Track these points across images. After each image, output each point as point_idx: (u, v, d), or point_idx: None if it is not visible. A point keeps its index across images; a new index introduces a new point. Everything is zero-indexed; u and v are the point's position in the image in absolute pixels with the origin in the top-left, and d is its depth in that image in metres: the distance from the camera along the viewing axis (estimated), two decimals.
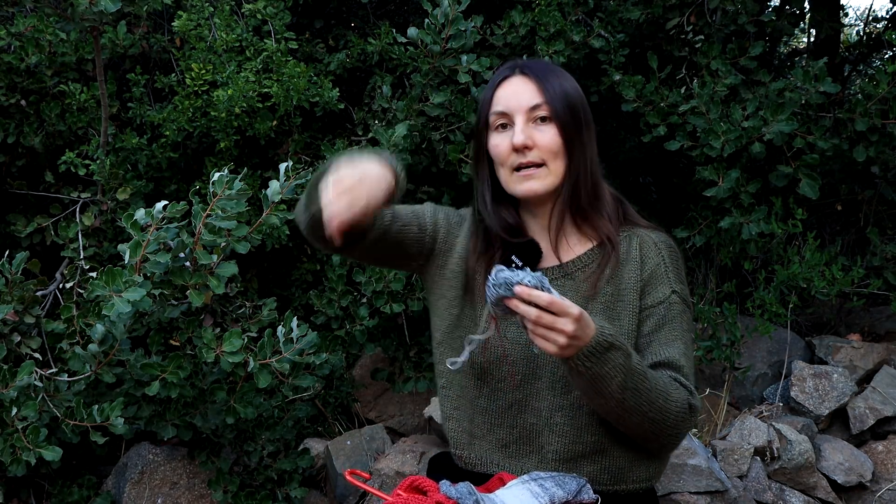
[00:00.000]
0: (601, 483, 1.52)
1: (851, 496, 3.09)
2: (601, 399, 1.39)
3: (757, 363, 3.49)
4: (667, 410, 1.43)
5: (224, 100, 2.85)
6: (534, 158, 1.55)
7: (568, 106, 1.55)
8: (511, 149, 1.55)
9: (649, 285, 1.56)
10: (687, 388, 1.49)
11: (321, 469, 3.06)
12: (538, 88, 1.55)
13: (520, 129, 1.54)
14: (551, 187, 1.56)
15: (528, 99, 1.55)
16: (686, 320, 1.58)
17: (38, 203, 3.18)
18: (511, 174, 1.57)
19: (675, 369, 1.50)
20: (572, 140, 1.55)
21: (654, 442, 1.50)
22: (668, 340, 1.53)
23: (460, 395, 1.60)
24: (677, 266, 1.61)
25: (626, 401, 1.39)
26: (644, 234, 1.62)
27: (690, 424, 1.50)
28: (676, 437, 1.50)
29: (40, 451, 2.10)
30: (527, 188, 1.56)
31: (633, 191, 4.11)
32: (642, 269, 1.57)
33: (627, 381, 1.37)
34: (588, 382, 1.37)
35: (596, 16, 3.32)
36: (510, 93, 1.57)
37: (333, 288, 3.13)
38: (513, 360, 1.54)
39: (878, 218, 3.91)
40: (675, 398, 1.45)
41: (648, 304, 1.55)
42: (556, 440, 1.51)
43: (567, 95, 1.56)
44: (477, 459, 1.58)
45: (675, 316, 1.55)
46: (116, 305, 2.00)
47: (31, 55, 2.96)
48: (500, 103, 1.57)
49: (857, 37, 5.68)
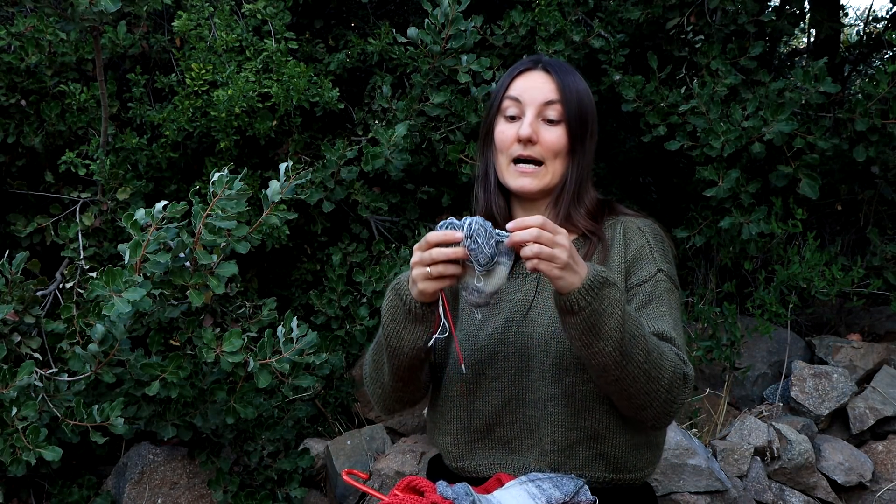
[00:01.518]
0: (596, 470, 1.51)
1: (851, 496, 3.09)
2: (599, 343, 1.33)
3: (757, 363, 3.49)
4: (662, 367, 1.39)
5: (224, 100, 2.85)
6: (535, 154, 1.56)
7: (580, 111, 1.57)
8: (515, 139, 1.56)
9: (634, 265, 1.55)
10: (680, 357, 1.45)
11: (321, 469, 3.06)
12: (556, 87, 1.56)
13: (528, 121, 1.55)
14: (546, 187, 1.58)
15: (545, 94, 1.56)
16: (674, 299, 1.56)
17: (38, 203, 3.18)
18: (508, 165, 1.58)
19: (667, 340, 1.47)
20: (576, 145, 1.57)
21: (648, 409, 1.43)
22: (656, 315, 1.50)
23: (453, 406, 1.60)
24: (663, 247, 1.60)
25: (624, 344, 1.34)
26: (628, 220, 1.63)
27: (685, 395, 1.44)
28: (670, 406, 1.44)
29: (40, 451, 2.10)
30: (520, 184, 1.58)
31: (633, 191, 4.11)
32: (626, 251, 1.57)
33: (626, 323, 1.33)
34: (586, 323, 1.32)
35: (596, 16, 3.32)
36: (528, 84, 1.59)
37: (333, 288, 3.13)
38: (504, 356, 1.54)
39: (878, 218, 3.91)
40: (670, 357, 1.41)
41: (634, 282, 1.54)
42: (552, 430, 1.51)
43: (581, 102, 1.57)
44: (477, 466, 1.57)
45: (662, 293, 1.53)
46: (116, 305, 1.99)
47: (31, 55, 2.96)
48: (515, 89, 1.59)
49: (857, 37, 5.68)
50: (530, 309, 1.55)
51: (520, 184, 1.58)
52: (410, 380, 1.55)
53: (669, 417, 1.47)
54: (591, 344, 1.34)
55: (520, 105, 1.57)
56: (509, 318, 1.55)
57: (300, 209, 3.11)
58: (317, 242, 3.39)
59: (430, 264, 1.32)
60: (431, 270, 1.32)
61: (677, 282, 1.60)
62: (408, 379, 1.55)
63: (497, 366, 1.54)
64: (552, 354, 1.50)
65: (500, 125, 1.60)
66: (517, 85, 1.59)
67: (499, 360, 1.54)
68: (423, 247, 1.33)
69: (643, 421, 1.48)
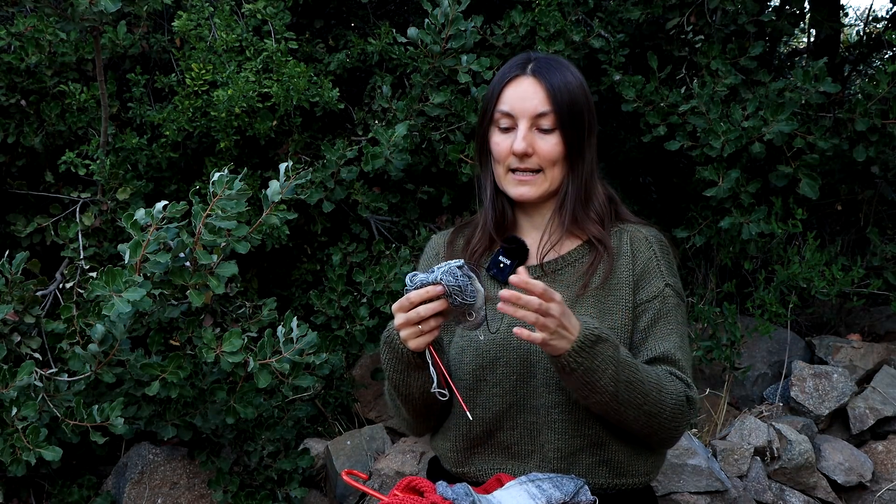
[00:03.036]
0: (600, 476, 1.51)
1: (851, 496, 3.09)
2: (595, 395, 1.39)
3: (757, 363, 3.49)
4: (662, 403, 1.43)
5: (224, 100, 2.84)
6: (532, 165, 1.56)
7: (574, 114, 1.55)
8: (510, 152, 1.55)
9: (642, 280, 1.56)
10: (683, 380, 1.49)
11: (321, 469, 3.06)
12: (547, 95, 1.54)
13: (521, 135, 1.54)
14: (545, 193, 1.57)
15: (535, 106, 1.54)
16: (681, 313, 1.58)
17: (38, 203, 3.18)
18: (506, 174, 1.58)
19: (671, 363, 1.50)
20: (573, 149, 1.56)
21: (653, 437, 1.50)
22: (663, 335, 1.52)
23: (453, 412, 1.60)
24: (668, 259, 1.61)
25: (619, 394, 1.38)
26: (634, 229, 1.62)
27: (689, 417, 1.49)
28: (675, 431, 1.50)
29: (40, 451, 2.10)
30: (519, 193, 1.58)
31: (633, 191, 4.10)
32: (634, 264, 1.57)
33: (619, 374, 1.37)
34: (580, 379, 1.36)
35: (596, 16, 3.32)
36: (518, 95, 1.56)
37: (333, 288, 3.13)
38: (506, 362, 1.54)
39: (878, 218, 3.91)
40: (671, 390, 1.44)
41: (643, 298, 1.55)
42: (555, 437, 1.51)
43: (574, 102, 1.55)
44: (477, 471, 1.57)
45: (669, 310, 1.55)
46: (116, 305, 1.99)
47: (31, 55, 2.96)
48: (506, 103, 1.57)
49: (857, 37, 5.68)
50: None
51: (519, 192, 1.58)
52: (432, 412, 1.61)
53: (675, 440, 1.54)
54: (588, 396, 1.41)
55: (512, 118, 1.56)
56: (512, 324, 1.55)
57: (300, 209, 3.10)
58: (317, 242, 3.39)
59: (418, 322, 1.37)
60: (422, 327, 1.37)
61: (683, 294, 1.62)
62: (427, 414, 1.61)
63: (498, 371, 1.54)
64: None
65: (494, 136, 1.59)
66: (507, 96, 1.57)
67: (500, 365, 1.54)
68: (406, 307, 1.37)
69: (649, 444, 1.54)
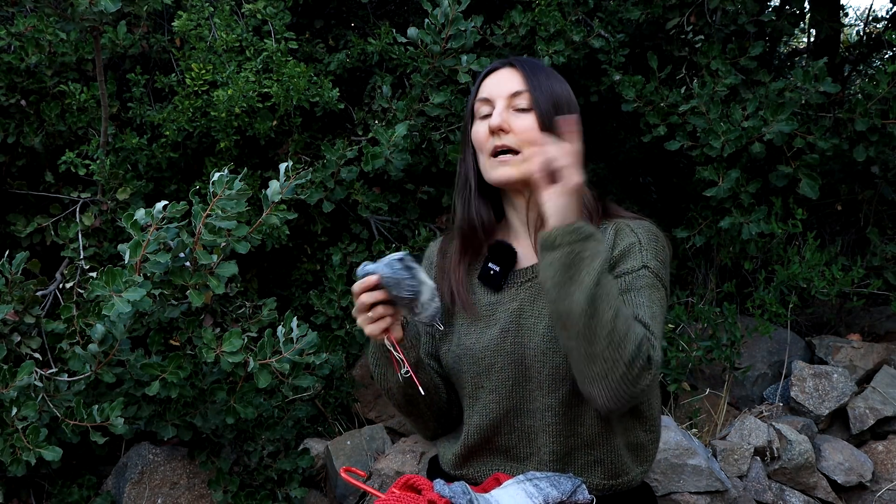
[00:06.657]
0: (594, 476, 1.51)
1: (851, 496, 3.09)
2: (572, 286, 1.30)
3: (757, 363, 3.49)
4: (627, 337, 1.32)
5: (224, 100, 2.85)
6: (510, 143, 1.55)
7: (551, 99, 1.56)
8: (489, 132, 1.56)
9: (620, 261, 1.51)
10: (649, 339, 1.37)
11: (321, 469, 3.06)
12: (523, 78, 1.57)
13: (498, 111, 1.55)
14: (526, 174, 1.51)
15: (511, 86, 1.57)
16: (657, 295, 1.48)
17: (38, 203, 3.18)
18: (488, 160, 1.58)
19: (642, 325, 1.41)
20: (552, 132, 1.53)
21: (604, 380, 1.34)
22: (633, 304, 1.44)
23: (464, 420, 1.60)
24: (654, 247, 1.54)
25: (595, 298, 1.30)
26: (622, 221, 1.58)
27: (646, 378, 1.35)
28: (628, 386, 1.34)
29: (40, 451, 2.10)
30: (500, 173, 1.56)
31: (633, 191, 4.10)
32: (613, 249, 1.53)
33: (601, 279, 1.31)
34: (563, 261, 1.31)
35: (596, 16, 3.32)
36: (495, 81, 1.59)
37: (333, 288, 3.13)
38: (501, 367, 1.53)
39: (878, 218, 3.91)
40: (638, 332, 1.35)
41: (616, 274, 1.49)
42: (550, 440, 1.50)
43: (553, 92, 1.56)
44: (475, 473, 1.57)
45: (642, 286, 1.46)
46: (116, 305, 2.00)
47: (31, 55, 2.96)
48: (484, 91, 1.60)
49: (857, 37, 5.68)
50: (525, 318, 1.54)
51: (499, 173, 1.56)
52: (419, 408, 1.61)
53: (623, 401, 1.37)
54: (563, 285, 1.31)
55: (490, 103, 1.58)
56: (504, 329, 1.54)
57: (300, 209, 3.11)
58: (317, 242, 3.39)
59: (366, 311, 1.44)
60: (372, 314, 1.44)
61: (666, 282, 1.54)
62: (417, 411, 1.62)
63: (494, 377, 1.53)
64: (549, 364, 1.49)
65: (475, 126, 1.60)
66: (486, 85, 1.60)
67: (495, 371, 1.53)
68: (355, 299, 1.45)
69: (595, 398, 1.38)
